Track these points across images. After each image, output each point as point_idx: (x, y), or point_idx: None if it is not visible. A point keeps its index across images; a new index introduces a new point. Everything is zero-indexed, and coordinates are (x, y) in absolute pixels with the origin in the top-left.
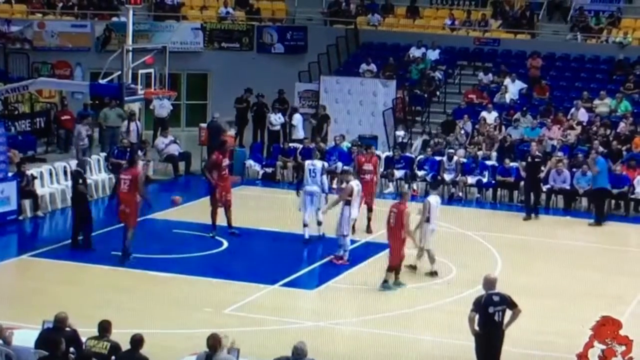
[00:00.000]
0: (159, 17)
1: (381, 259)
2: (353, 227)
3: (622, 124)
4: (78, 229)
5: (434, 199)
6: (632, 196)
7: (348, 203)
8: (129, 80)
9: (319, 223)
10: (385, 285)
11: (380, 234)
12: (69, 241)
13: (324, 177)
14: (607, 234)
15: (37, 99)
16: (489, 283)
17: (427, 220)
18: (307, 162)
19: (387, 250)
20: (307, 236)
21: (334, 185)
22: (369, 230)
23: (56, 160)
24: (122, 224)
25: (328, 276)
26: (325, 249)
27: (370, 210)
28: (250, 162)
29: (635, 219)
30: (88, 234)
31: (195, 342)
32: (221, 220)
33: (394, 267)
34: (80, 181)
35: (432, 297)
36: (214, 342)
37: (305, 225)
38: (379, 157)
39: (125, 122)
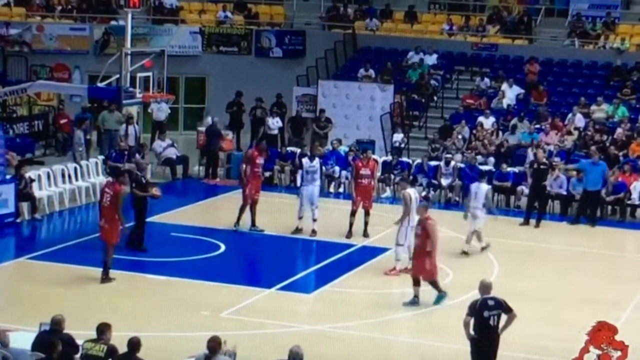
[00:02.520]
0: (157, 21)
1: (378, 263)
2: (350, 231)
3: (619, 130)
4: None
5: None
6: (629, 202)
7: (409, 211)
8: (128, 83)
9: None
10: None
11: (377, 238)
12: (66, 244)
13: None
14: (603, 240)
15: (36, 101)
16: (485, 287)
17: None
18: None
19: (385, 254)
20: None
21: (331, 190)
22: (365, 234)
23: (54, 163)
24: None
25: (325, 280)
26: (322, 252)
27: (367, 214)
28: None
29: (632, 224)
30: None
31: (192, 346)
32: (218, 223)
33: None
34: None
35: (428, 301)
36: (213, 345)
37: (315, 220)
38: (376, 161)
39: (124, 126)
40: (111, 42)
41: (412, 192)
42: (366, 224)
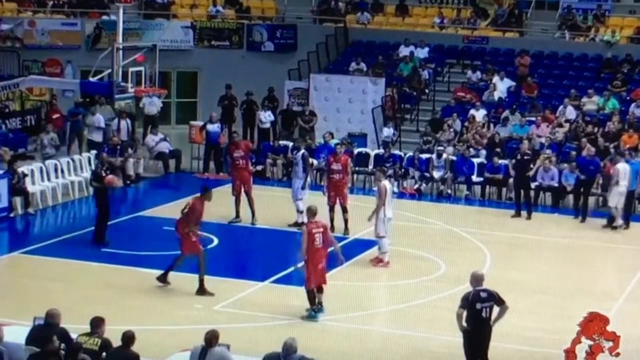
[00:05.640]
0: (149, 16)
1: (370, 256)
2: (332, 226)
3: (609, 122)
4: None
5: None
6: None
7: (383, 203)
8: (120, 78)
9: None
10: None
11: (368, 231)
12: (59, 238)
13: None
14: (594, 231)
15: (28, 97)
16: (477, 279)
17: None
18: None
19: (374, 249)
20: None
21: (323, 183)
22: (346, 232)
23: (47, 158)
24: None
25: None
26: None
27: (345, 211)
28: None
29: (623, 216)
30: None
31: (185, 339)
32: (211, 217)
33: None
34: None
35: (421, 293)
36: (210, 337)
37: (299, 212)
38: (367, 154)
39: (116, 120)
40: (103, 37)
41: (388, 184)
42: (346, 221)
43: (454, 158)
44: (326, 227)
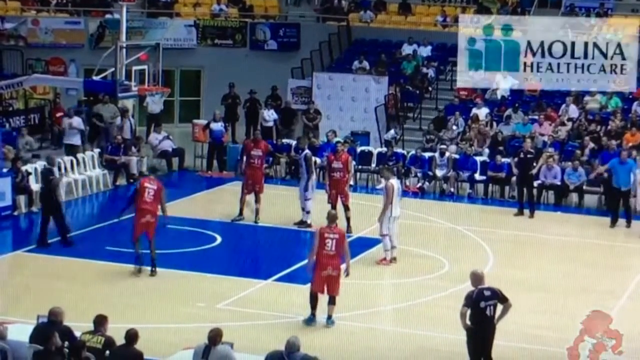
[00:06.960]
0: (152, 14)
1: (374, 254)
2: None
3: (612, 120)
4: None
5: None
6: None
7: (390, 202)
8: (123, 76)
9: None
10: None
11: (372, 229)
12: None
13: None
14: (597, 229)
15: (32, 95)
16: (477, 278)
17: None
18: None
19: (380, 245)
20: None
21: (326, 181)
22: (348, 230)
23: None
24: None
25: None
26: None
27: (347, 209)
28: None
29: (625, 213)
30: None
31: (188, 337)
32: (214, 215)
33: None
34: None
35: (424, 291)
36: (214, 336)
37: (304, 211)
38: (370, 153)
39: (119, 119)
40: (106, 35)
41: (396, 183)
42: (348, 219)
43: (457, 156)
44: (343, 235)
